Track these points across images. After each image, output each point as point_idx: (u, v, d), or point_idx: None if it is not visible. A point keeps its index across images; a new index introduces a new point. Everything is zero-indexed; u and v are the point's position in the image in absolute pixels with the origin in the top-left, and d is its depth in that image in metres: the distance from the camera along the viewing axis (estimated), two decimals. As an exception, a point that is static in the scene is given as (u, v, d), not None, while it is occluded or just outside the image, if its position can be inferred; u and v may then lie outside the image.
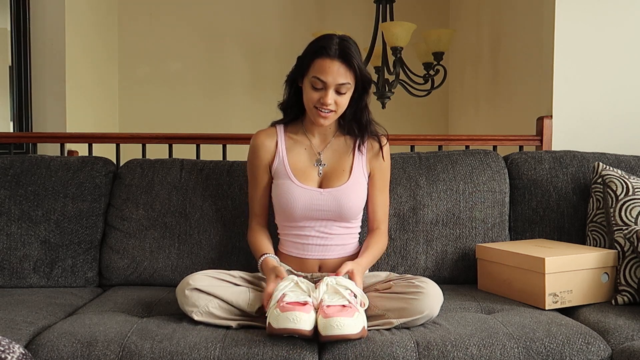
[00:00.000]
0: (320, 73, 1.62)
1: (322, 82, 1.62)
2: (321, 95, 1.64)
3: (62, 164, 2.04)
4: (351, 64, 1.62)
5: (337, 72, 1.62)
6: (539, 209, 2.02)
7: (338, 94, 1.65)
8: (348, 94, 1.67)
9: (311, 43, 1.69)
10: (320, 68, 1.62)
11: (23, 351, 1.22)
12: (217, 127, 3.68)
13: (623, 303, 1.68)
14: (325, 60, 1.62)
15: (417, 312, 1.48)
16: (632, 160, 2.07)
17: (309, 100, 1.67)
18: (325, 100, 1.63)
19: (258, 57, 4.07)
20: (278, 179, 1.75)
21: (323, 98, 1.63)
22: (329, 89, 1.63)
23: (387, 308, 1.51)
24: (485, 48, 3.38)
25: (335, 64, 1.61)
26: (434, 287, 1.53)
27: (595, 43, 2.45)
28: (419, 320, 1.50)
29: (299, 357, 1.38)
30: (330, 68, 1.61)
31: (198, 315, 1.51)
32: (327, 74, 1.62)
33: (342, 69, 1.62)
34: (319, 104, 1.65)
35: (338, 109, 1.67)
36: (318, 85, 1.63)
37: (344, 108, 1.69)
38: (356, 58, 1.63)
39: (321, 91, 1.64)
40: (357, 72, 1.64)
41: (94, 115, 3.52)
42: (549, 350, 1.41)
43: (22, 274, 1.92)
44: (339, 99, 1.65)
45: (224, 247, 1.95)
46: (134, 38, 4.01)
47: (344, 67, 1.62)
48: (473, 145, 2.50)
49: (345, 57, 1.62)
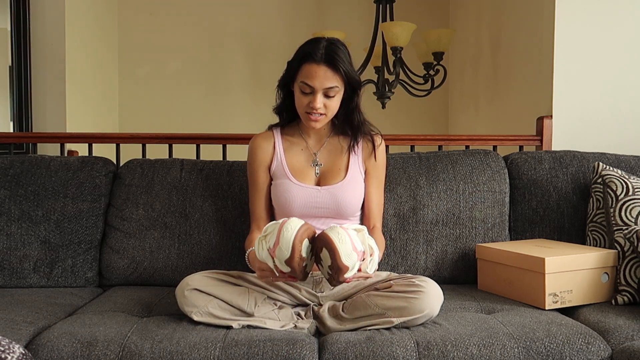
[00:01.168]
0: (307, 78, 1.64)
1: (310, 87, 1.65)
2: (310, 99, 1.67)
3: (62, 164, 2.04)
4: (337, 68, 1.64)
5: (324, 76, 1.64)
6: (539, 209, 2.02)
7: (327, 98, 1.67)
8: (337, 97, 1.69)
9: (299, 48, 1.71)
10: (307, 73, 1.65)
11: (23, 351, 1.22)
12: (217, 127, 3.68)
13: (623, 303, 1.68)
14: (312, 65, 1.64)
15: (417, 311, 1.49)
16: (632, 160, 2.07)
17: (299, 105, 1.70)
18: (314, 105, 1.66)
19: (258, 56, 4.07)
20: (277, 179, 1.77)
21: (312, 102, 1.66)
22: (317, 94, 1.65)
23: (387, 307, 1.51)
24: (485, 48, 3.38)
25: (322, 68, 1.63)
26: (434, 286, 1.54)
27: (595, 43, 2.45)
28: (419, 320, 1.50)
29: (299, 357, 1.38)
30: (316, 73, 1.63)
31: (198, 315, 1.51)
32: (313, 79, 1.64)
33: (328, 73, 1.64)
34: (309, 109, 1.67)
35: (328, 112, 1.69)
36: (306, 90, 1.66)
37: (335, 111, 1.72)
38: (343, 61, 1.65)
39: (310, 95, 1.67)
40: (344, 76, 1.66)
41: (94, 115, 3.52)
42: (549, 350, 1.41)
43: (22, 274, 1.92)
44: (328, 102, 1.67)
45: (224, 247, 1.95)
46: (134, 38, 4.01)
47: (330, 71, 1.64)
48: (473, 145, 2.50)
49: (332, 62, 1.64)
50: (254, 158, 1.80)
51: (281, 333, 1.46)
